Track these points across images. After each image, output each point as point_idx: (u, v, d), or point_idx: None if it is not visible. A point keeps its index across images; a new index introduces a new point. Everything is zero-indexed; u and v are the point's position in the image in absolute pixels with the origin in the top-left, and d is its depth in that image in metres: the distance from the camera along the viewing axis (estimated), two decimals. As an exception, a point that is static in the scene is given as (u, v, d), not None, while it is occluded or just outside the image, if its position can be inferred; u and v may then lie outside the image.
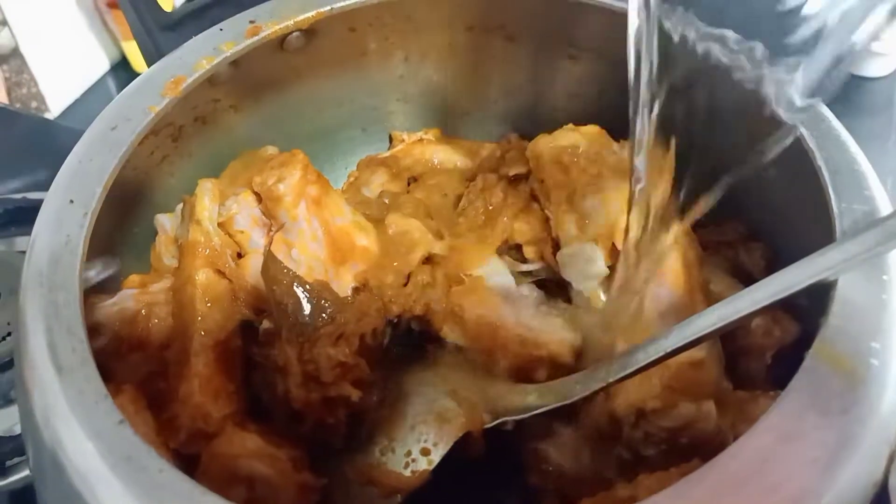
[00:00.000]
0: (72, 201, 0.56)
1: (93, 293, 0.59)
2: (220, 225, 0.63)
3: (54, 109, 1.29)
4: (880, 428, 0.46)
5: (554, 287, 0.70)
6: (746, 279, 0.65)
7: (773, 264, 0.67)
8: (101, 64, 1.36)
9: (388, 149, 0.88)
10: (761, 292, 0.49)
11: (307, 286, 0.61)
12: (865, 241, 0.46)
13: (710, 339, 0.52)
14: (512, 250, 0.73)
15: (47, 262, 0.53)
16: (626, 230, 0.56)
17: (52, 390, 0.48)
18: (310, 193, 0.62)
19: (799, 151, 0.59)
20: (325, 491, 0.58)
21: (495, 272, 0.67)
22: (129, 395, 0.57)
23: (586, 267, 0.66)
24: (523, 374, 0.61)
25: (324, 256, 0.64)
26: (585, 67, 0.80)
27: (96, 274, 0.60)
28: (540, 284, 0.70)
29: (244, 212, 0.63)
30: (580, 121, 0.73)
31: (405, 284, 0.66)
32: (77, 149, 0.60)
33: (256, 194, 0.63)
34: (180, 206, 0.67)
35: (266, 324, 0.61)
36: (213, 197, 0.63)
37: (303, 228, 0.63)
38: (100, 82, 1.35)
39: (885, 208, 0.55)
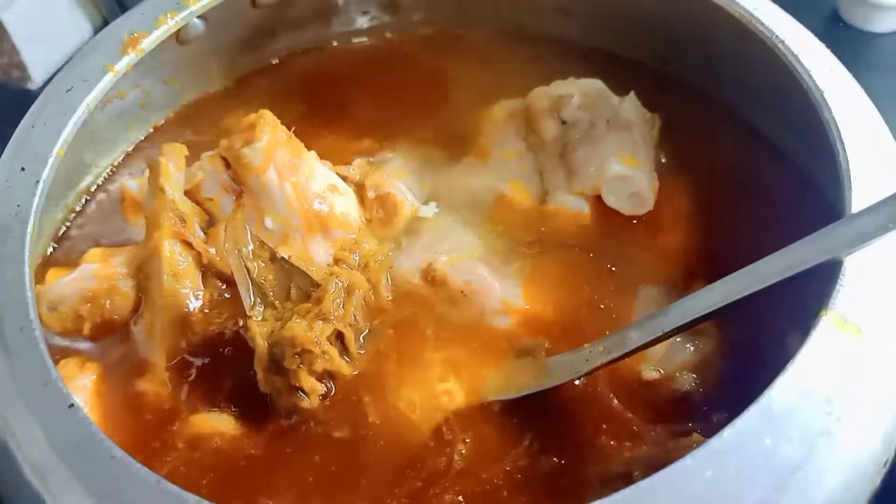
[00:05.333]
0: (23, 169, 0.53)
1: (51, 265, 0.56)
2: (186, 192, 0.59)
3: (37, 79, 1.25)
4: (893, 401, 0.43)
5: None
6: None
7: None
8: (83, 31, 1.31)
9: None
10: (769, 268, 0.45)
11: (286, 262, 0.57)
12: (876, 218, 0.43)
13: (713, 318, 0.49)
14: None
15: (-5, 233, 0.50)
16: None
17: (-1, 371, 0.45)
18: (280, 156, 0.58)
19: (807, 105, 0.56)
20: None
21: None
22: (92, 372, 0.55)
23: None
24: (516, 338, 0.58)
25: (299, 224, 0.60)
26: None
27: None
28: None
29: (211, 178, 0.59)
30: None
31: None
32: (30, 113, 0.57)
33: (224, 159, 0.59)
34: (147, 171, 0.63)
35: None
36: (178, 163, 0.59)
37: (274, 194, 0.58)
38: (83, 50, 1.31)
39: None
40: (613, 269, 0.63)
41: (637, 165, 0.64)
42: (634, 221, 0.65)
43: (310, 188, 0.60)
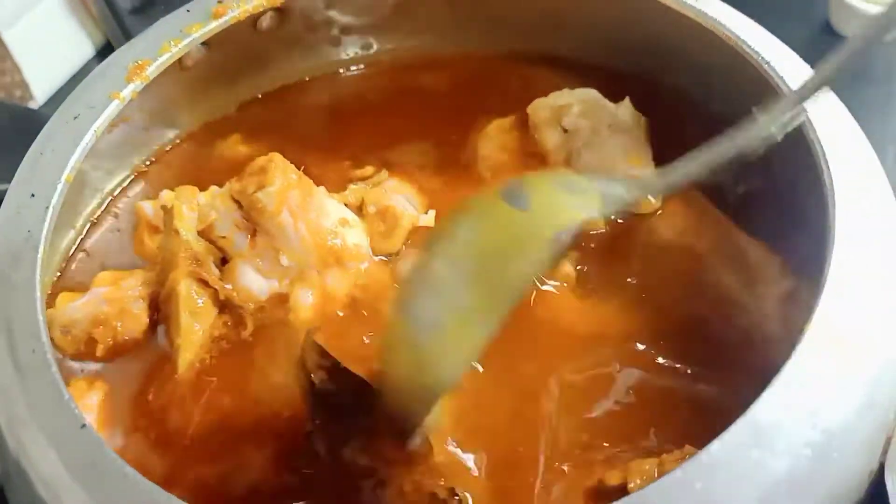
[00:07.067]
0: (33, 195, 0.55)
1: (60, 289, 0.57)
2: (200, 232, 0.61)
3: (39, 98, 1.26)
4: (877, 412, 0.44)
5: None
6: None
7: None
8: (85, 49, 1.33)
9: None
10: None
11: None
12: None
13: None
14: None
15: (8, 258, 0.52)
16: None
17: (13, 393, 0.47)
18: (292, 198, 0.59)
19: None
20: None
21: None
22: (100, 391, 0.57)
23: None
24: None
25: (315, 261, 0.61)
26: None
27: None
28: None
29: (224, 217, 0.60)
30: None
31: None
32: (39, 139, 0.58)
33: (236, 201, 0.60)
34: (164, 192, 0.64)
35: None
36: (190, 205, 0.60)
37: (289, 235, 0.60)
38: (85, 69, 1.32)
39: (879, 178, 0.53)
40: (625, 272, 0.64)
41: (646, 165, 0.66)
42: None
43: (322, 225, 0.61)
